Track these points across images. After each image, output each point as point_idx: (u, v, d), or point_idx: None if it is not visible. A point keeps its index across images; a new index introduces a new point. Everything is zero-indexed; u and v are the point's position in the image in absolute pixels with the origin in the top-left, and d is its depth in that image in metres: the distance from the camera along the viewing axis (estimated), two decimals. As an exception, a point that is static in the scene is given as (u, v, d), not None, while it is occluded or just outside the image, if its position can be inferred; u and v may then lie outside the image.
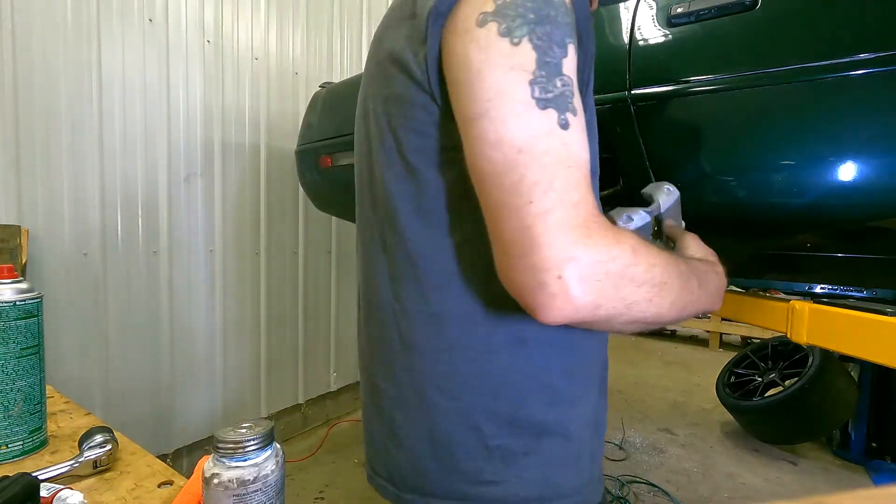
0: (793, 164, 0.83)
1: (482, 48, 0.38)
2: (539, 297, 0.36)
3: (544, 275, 0.35)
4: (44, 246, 1.47)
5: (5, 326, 0.59)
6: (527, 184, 0.36)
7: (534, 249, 0.35)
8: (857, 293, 1.16)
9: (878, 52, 0.70)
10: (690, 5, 0.89)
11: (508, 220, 0.37)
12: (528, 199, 0.36)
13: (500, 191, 0.37)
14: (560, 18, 0.39)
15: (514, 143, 0.36)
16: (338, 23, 2.46)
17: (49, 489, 0.50)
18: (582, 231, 0.36)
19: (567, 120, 0.37)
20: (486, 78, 0.37)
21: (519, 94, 0.37)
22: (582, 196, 0.37)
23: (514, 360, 0.46)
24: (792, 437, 2.36)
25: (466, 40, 0.38)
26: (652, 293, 0.39)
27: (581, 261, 0.35)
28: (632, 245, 0.38)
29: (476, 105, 0.38)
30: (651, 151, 0.99)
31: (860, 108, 0.75)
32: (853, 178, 0.78)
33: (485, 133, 0.37)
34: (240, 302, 2.05)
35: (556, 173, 0.36)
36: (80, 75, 1.52)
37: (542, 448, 0.47)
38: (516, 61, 0.37)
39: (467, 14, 0.39)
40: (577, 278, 0.35)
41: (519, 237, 0.36)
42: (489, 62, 0.37)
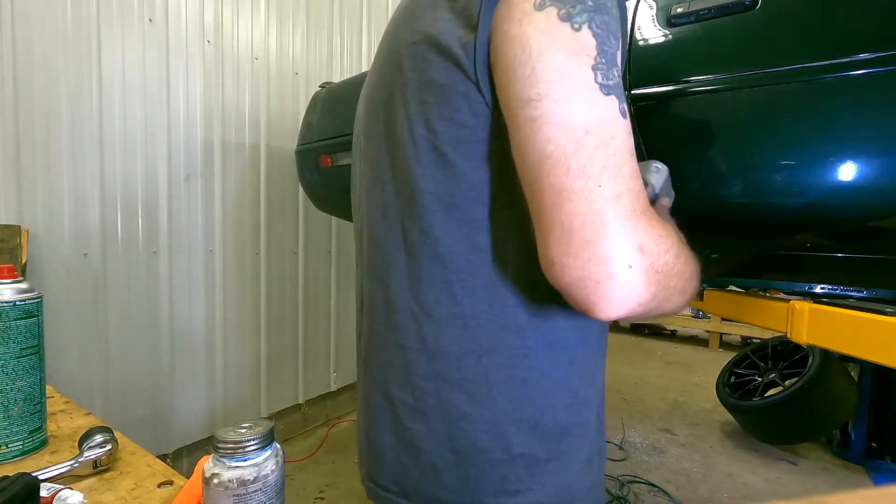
0: (792, 164, 0.83)
1: (543, 31, 0.36)
2: (604, 288, 0.34)
3: (614, 264, 0.34)
4: (44, 246, 1.47)
5: (5, 326, 0.59)
6: (596, 167, 0.34)
7: (603, 236, 0.34)
8: (857, 293, 1.16)
9: (878, 52, 0.70)
10: (690, 5, 0.89)
11: (573, 204, 0.34)
12: (597, 183, 0.34)
13: (564, 173, 0.35)
14: (614, 11, 0.39)
15: (581, 125, 0.35)
16: (338, 23, 2.46)
17: (49, 489, 0.50)
18: (646, 220, 0.35)
19: (625, 110, 0.38)
20: (548, 60, 0.36)
21: (584, 78, 0.36)
22: (640, 184, 0.36)
23: (544, 365, 0.45)
24: (792, 437, 2.36)
25: (525, 22, 0.37)
26: (685, 287, 0.39)
27: (648, 250, 0.34)
28: (677, 238, 0.38)
29: (537, 86, 0.36)
30: (651, 151, 0.98)
31: (860, 107, 0.75)
32: (853, 178, 0.78)
33: (548, 114, 0.36)
34: (240, 302, 2.05)
35: (624, 159, 0.36)
36: (80, 75, 1.52)
37: (562, 452, 0.46)
38: (579, 45, 0.36)
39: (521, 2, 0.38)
40: (643, 269, 0.34)
41: (585, 222, 0.34)
42: (552, 44, 0.36)
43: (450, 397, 0.45)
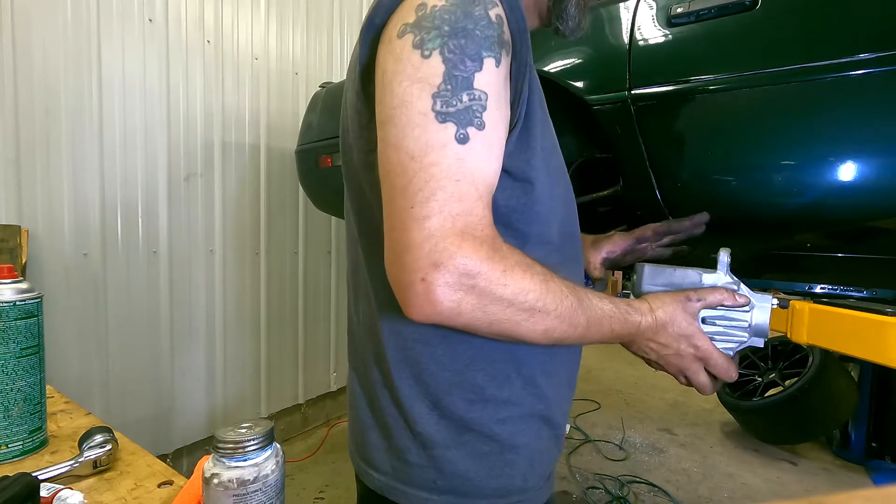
0: (792, 163, 0.83)
1: (396, 58, 0.41)
2: (405, 294, 0.40)
3: (412, 275, 0.38)
4: (44, 246, 1.47)
5: (5, 326, 0.59)
6: (412, 189, 0.39)
7: (407, 250, 0.38)
8: (857, 293, 1.16)
9: (878, 52, 0.70)
10: (690, 5, 0.90)
11: (393, 219, 0.40)
12: (411, 204, 0.39)
13: (391, 191, 0.40)
14: (479, 31, 0.40)
15: (408, 150, 0.39)
16: (338, 23, 2.46)
17: (49, 489, 0.50)
18: (454, 242, 0.38)
19: (467, 134, 0.39)
20: (394, 87, 0.40)
21: (419, 106, 0.39)
22: (465, 208, 0.39)
23: (436, 352, 0.49)
24: (792, 437, 2.36)
25: (386, 51, 0.42)
26: (521, 317, 0.41)
27: (446, 269, 0.38)
28: (508, 267, 0.40)
29: (386, 110, 0.41)
30: (651, 151, 0.99)
31: (860, 107, 0.75)
32: (853, 177, 0.78)
33: (388, 136, 0.41)
34: (240, 302, 2.05)
35: (441, 184, 0.38)
36: (80, 75, 1.52)
37: (463, 444, 0.49)
38: (423, 74, 0.39)
39: (393, 24, 0.42)
40: (439, 284, 0.38)
41: (398, 236, 0.39)
42: (399, 72, 0.40)
43: (368, 366, 0.53)
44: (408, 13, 0.41)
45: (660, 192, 0.99)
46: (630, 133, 0.99)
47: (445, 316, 0.39)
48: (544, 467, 0.54)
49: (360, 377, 0.55)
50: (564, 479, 2.06)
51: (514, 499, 0.51)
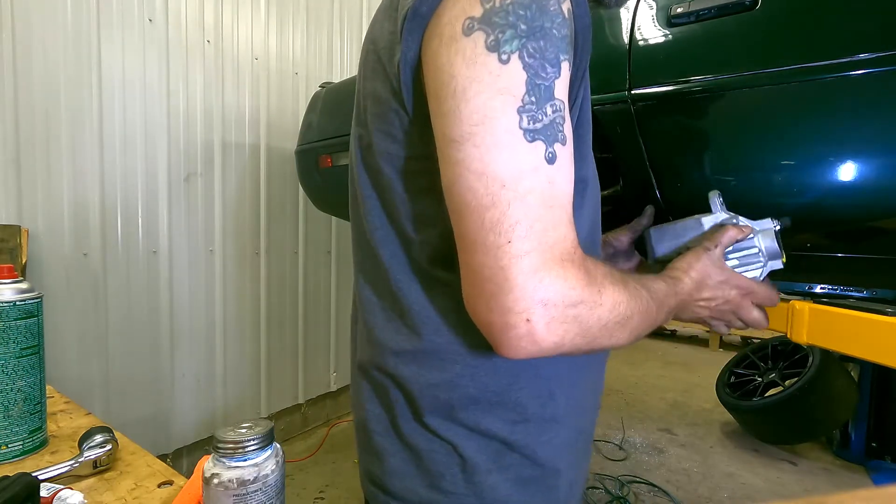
0: (792, 164, 0.83)
1: (468, 62, 0.35)
2: (505, 337, 0.36)
3: (513, 317, 0.35)
4: (44, 246, 1.47)
5: (5, 326, 0.59)
6: (507, 223, 0.35)
7: (505, 290, 0.35)
8: (857, 293, 1.16)
9: (878, 52, 0.70)
10: (690, 5, 0.90)
11: (484, 256, 0.36)
12: (507, 239, 0.35)
13: (479, 226, 0.35)
14: (556, 31, 0.36)
15: (497, 177, 0.35)
16: (338, 23, 2.46)
17: (49, 489, 0.50)
18: (557, 273, 0.35)
19: (555, 152, 0.36)
20: (472, 98, 0.35)
21: (505, 123, 0.34)
22: (560, 235, 0.36)
23: (477, 373, 0.45)
24: (792, 437, 2.36)
25: (452, 50, 0.35)
26: (614, 329, 0.39)
27: (551, 304, 0.35)
28: (600, 285, 0.38)
29: (460, 127, 0.35)
30: (651, 151, 0.99)
31: (860, 107, 0.75)
32: (853, 178, 0.78)
33: (468, 160, 0.35)
34: (240, 302, 2.05)
35: (538, 214, 0.35)
36: (80, 75, 1.52)
37: (505, 467, 0.46)
38: (505, 82, 0.34)
39: (452, 18, 0.35)
40: (545, 322, 0.35)
41: (491, 275, 0.35)
42: (477, 79, 0.35)
43: (392, 391, 0.47)
44: (470, 4, 0.35)
45: (660, 192, 0.99)
46: (630, 133, 0.99)
47: (548, 351, 0.36)
48: (579, 489, 0.53)
49: (375, 395, 0.50)
50: (564, 479, 2.06)
51: None
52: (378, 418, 0.49)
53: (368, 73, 0.45)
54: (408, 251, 0.46)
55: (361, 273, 0.52)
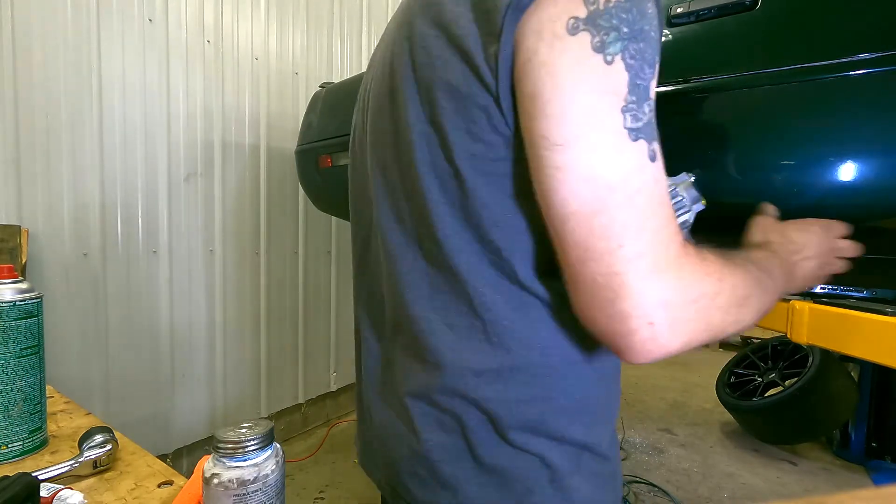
0: (792, 164, 0.83)
1: (575, 62, 0.34)
2: (628, 342, 0.35)
3: (635, 321, 0.34)
4: (44, 246, 1.47)
5: (5, 326, 0.59)
6: (618, 226, 0.34)
7: (623, 297, 0.34)
8: (857, 293, 1.16)
9: (878, 52, 0.70)
10: (690, 5, 0.89)
11: (596, 264, 0.34)
12: (619, 243, 0.34)
13: (588, 233, 0.34)
14: (653, 33, 0.36)
15: (606, 180, 0.34)
16: (338, 23, 2.46)
17: (49, 489, 0.50)
18: (673, 272, 0.34)
19: (654, 150, 0.36)
20: (579, 100, 0.34)
21: (612, 124, 0.34)
22: (670, 233, 0.35)
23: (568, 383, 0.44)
24: (792, 437, 2.36)
25: (557, 49, 0.34)
26: (738, 313, 0.39)
27: (672, 304, 0.34)
28: (717, 272, 0.37)
29: (565, 129, 0.34)
30: (651, 151, 0.99)
31: (860, 107, 0.75)
32: (853, 178, 0.78)
33: (574, 163, 0.34)
34: (240, 302, 2.05)
35: (648, 213, 0.34)
36: (80, 75, 1.52)
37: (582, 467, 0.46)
38: (610, 83, 0.34)
39: (554, 15, 0.34)
40: (668, 322, 0.34)
41: (606, 283, 0.34)
42: (584, 80, 0.34)
43: (469, 415, 0.43)
44: (574, 4, 0.34)
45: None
46: (630, 133, 0.99)
47: (675, 351, 0.35)
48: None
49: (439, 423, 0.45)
50: (564, 479, 2.06)
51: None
52: (445, 448, 0.44)
53: (434, 63, 0.40)
54: (494, 261, 0.42)
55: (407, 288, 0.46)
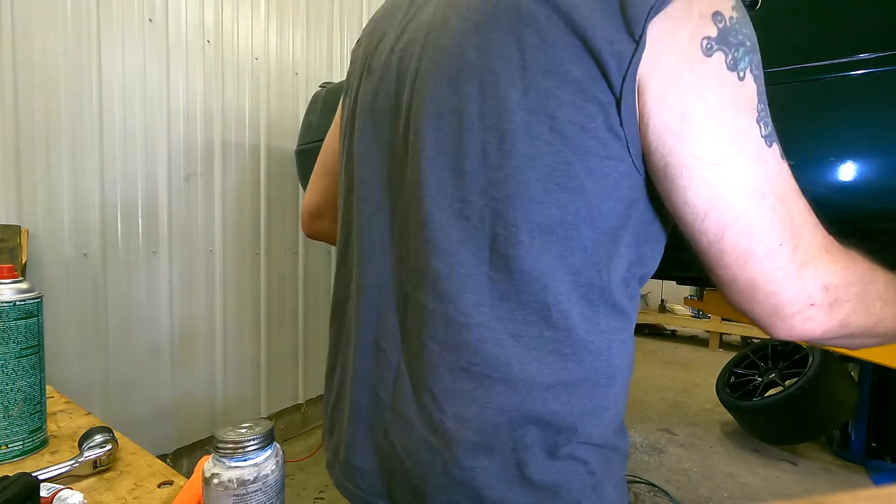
0: (792, 163, 0.82)
1: (718, 84, 0.36)
2: (791, 324, 0.37)
3: (798, 305, 0.37)
4: (44, 246, 1.47)
5: (5, 326, 0.59)
6: (775, 228, 0.36)
7: (787, 287, 0.37)
8: (857, 293, 1.16)
9: (878, 52, 0.70)
10: (690, 5, 0.89)
11: (759, 265, 0.37)
12: (778, 242, 0.36)
13: (747, 237, 0.37)
14: (757, 41, 0.38)
15: (758, 189, 0.36)
16: (338, 23, 2.46)
17: (49, 489, 0.50)
18: (828, 256, 0.38)
19: (782, 152, 0.38)
20: (726, 120, 0.36)
21: (754, 137, 0.36)
22: (815, 220, 0.38)
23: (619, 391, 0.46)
24: (792, 437, 2.36)
25: (700, 72, 0.35)
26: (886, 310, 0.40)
27: (832, 287, 0.37)
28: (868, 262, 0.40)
29: (718, 149, 0.36)
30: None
31: (860, 107, 0.75)
32: (853, 178, 0.78)
33: (728, 180, 0.36)
34: (240, 302, 2.05)
35: (795, 209, 0.37)
36: (80, 75, 1.52)
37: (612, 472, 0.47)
38: (746, 98, 0.36)
39: (690, 36, 0.35)
40: (829, 303, 0.37)
41: (770, 279, 0.37)
42: (726, 102, 0.36)
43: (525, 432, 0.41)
44: (705, 24, 0.35)
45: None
46: (630, 133, 0.99)
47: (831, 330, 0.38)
48: None
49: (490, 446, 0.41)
50: (564, 479, 2.06)
51: None
52: (492, 472, 0.41)
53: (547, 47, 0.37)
54: (581, 268, 0.40)
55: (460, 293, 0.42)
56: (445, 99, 0.42)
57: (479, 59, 0.40)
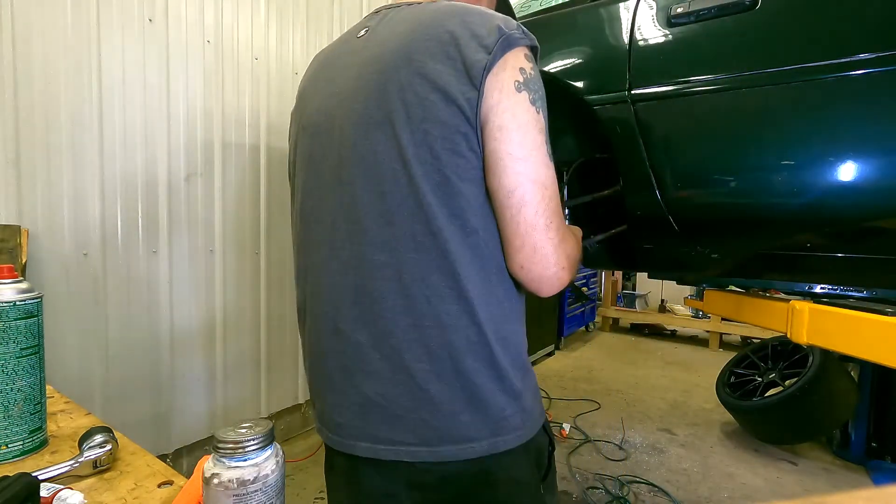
0: (792, 163, 0.83)
1: (525, 110, 0.56)
2: (549, 282, 0.59)
3: (556, 268, 0.59)
4: (44, 246, 1.47)
5: (5, 326, 0.59)
6: (549, 211, 0.57)
7: (550, 252, 0.58)
8: (857, 293, 1.16)
9: (878, 52, 0.70)
10: (690, 5, 0.89)
11: (537, 233, 0.57)
12: (549, 220, 0.57)
13: (533, 213, 0.56)
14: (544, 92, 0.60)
15: (543, 182, 0.57)
16: (338, 23, 2.46)
17: (49, 489, 0.50)
18: (568, 236, 0.62)
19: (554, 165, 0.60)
20: (528, 132, 0.56)
21: (544, 149, 0.58)
22: (561, 215, 0.60)
23: (516, 325, 0.63)
24: (792, 437, 2.36)
25: (513, 101, 0.56)
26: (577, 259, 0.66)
27: (570, 255, 0.61)
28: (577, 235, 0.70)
29: (522, 149, 0.56)
30: (651, 151, 0.99)
31: (860, 107, 0.75)
32: (853, 177, 0.78)
33: (529, 171, 0.56)
34: (240, 302, 2.05)
35: (556, 201, 0.59)
36: (80, 75, 1.52)
37: (527, 384, 0.63)
38: (541, 126, 0.58)
39: (507, 78, 0.56)
40: (568, 266, 0.60)
41: (542, 245, 0.57)
42: (529, 122, 0.56)
43: (460, 359, 0.58)
44: (515, 73, 0.56)
45: (660, 192, 0.99)
46: (630, 133, 0.99)
47: (566, 283, 0.61)
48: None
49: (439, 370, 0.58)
50: (564, 479, 2.06)
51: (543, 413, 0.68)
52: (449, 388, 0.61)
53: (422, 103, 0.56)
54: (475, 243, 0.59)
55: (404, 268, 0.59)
56: (359, 139, 0.60)
57: (378, 114, 0.59)
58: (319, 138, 0.66)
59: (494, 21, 0.57)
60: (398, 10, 0.64)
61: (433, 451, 0.59)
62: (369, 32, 0.65)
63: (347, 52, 0.67)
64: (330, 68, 0.69)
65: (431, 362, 0.58)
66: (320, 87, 0.69)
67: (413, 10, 0.62)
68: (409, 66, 0.57)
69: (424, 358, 0.58)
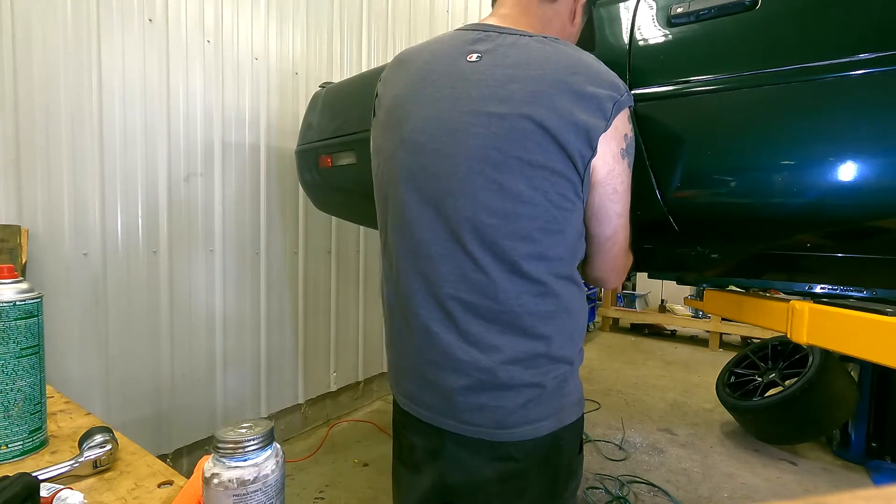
0: (792, 163, 0.83)
1: (625, 175, 0.71)
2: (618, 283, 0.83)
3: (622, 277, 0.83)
4: (44, 246, 1.47)
5: (5, 326, 0.59)
6: (624, 233, 0.76)
7: (624, 267, 0.81)
8: (857, 293, 1.16)
9: (878, 52, 0.70)
10: (690, 5, 0.89)
11: (615, 248, 0.76)
12: (624, 238, 0.77)
13: (619, 249, 0.77)
14: None
15: (624, 214, 0.74)
16: (338, 23, 2.46)
17: (49, 489, 0.50)
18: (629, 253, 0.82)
19: None
20: (627, 194, 0.72)
21: (628, 195, 0.73)
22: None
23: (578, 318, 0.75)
24: (792, 437, 2.36)
25: (621, 168, 0.70)
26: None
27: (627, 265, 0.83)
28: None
29: (625, 208, 0.73)
30: (651, 151, 0.98)
31: (860, 107, 0.75)
32: (853, 177, 0.78)
33: (624, 223, 0.74)
34: (240, 302, 2.05)
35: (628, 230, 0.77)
36: (80, 75, 1.52)
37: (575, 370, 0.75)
38: (629, 181, 0.73)
39: (616, 146, 0.68)
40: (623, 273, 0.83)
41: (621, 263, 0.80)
42: (628, 184, 0.72)
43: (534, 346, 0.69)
44: (619, 141, 0.68)
45: (660, 192, 0.99)
46: (630, 133, 0.98)
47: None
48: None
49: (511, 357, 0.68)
50: (564, 479, 2.06)
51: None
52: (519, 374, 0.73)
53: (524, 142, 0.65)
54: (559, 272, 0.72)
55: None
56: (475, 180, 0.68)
57: (498, 156, 0.66)
58: (422, 159, 0.71)
59: (608, 78, 0.67)
60: (502, 37, 0.70)
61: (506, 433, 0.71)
62: (481, 60, 0.69)
63: (456, 74, 0.70)
64: (432, 85, 0.72)
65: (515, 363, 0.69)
66: (423, 102, 0.72)
67: (529, 48, 0.68)
68: (533, 119, 0.64)
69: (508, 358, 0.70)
